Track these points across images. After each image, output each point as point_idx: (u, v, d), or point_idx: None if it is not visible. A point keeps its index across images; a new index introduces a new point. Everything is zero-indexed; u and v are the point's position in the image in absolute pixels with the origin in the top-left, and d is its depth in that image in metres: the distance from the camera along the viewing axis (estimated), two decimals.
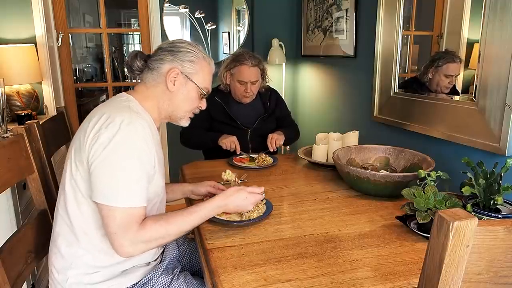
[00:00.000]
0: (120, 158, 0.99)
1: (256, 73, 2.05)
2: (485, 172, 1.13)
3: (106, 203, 0.98)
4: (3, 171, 1.10)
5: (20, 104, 2.39)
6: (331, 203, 1.40)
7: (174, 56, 1.17)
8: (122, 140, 1.00)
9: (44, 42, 2.50)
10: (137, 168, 1.02)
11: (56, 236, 1.12)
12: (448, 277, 0.54)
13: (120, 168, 0.99)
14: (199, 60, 1.19)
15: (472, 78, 1.55)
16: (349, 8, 2.47)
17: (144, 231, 1.00)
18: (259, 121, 2.15)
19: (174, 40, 1.23)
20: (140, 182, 1.02)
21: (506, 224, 0.55)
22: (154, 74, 1.17)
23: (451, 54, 1.68)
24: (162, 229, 1.02)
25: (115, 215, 0.98)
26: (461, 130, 1.60)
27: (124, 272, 1.12)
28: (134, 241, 0.99)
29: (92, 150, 1.00)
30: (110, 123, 1.01)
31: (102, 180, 0.99)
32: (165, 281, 1.15)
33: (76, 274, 1.08)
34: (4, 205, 1.63)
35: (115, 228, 0.98)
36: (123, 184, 0.99)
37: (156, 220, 1.03)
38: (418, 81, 1.87)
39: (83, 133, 1.05)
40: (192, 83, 1.19)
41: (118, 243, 0.98)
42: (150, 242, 1.01)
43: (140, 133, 1.04)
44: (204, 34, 3.30)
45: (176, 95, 1.18)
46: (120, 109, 1.07)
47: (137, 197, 1.01)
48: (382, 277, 0.94)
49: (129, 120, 1.03)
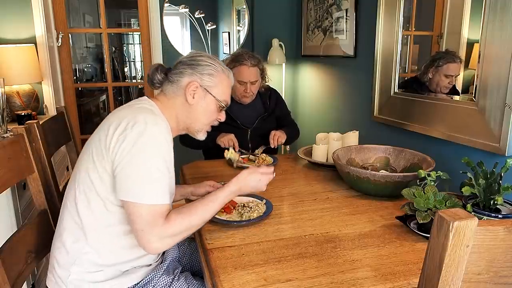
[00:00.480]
0: (146, 157, 1.02)
1: (255, 73, 2.05)
2: (485, 172, 1.13)
3: (133, 201, 1.00)
4: (3, 171, 1.10)
5: (20, 104, 2.39)
6: (331, 203, 1.41)
7: (194, 70, 1.20)
8: (148, 139, 1.03)
9: (44, 42, 2.50)
10: (162, 166, 1.04)
11: (62, 231, 1.12)
12: (448, 277, 0.54)
13: (146, 167, 1.02)
14: (218, 73, 1.22)
15: (472, 78, 1.55)
16: (349, 8, 2.47)
17: (169, 225, 1.01)
18: (259, 120, 2.15)
19: (194, 53, 1.25)
20: (165, 180, 1.05)
21: (506, 224, 0.55)
22: (174, 86, 1.20)
23: (452, 54, 1.68)
24: (186, 221, 1.04)
25: (141, 212, 1.00)
26: (461, 130, 1.60)
27: (125, 272, 1.12)
28: (161, 236, 1.00)
29: (119, 150, 1.02)
30: (135, 124, 1.04)
31: (130, 179, 1.01)
32: (166, 282, 1.15)
33: (79, 271, 1.08)
34: (4, 205, 1.63)
35: (142, 225, 1.00)
36: (149, 182, 1.01)
37: (179, 212, 1.05)
38: (418, 81, 1.88)
39: (105, 134, 1.06)
40: (211, 96, 1.21)
41: (145, 240, 1.00)
42: (176, 235, 1.03)
43: (164, 133, 1.07)
44: (204, 34, 3.30)
45: (195, 107, 1.21)
46: (144, 111, 1.11)
47: (162, 195, 1.03)
48: (382, 277, 0.94)
49: (154, 121, 1.06)
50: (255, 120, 2.15)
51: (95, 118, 4.70)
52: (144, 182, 1.01)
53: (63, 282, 1.09)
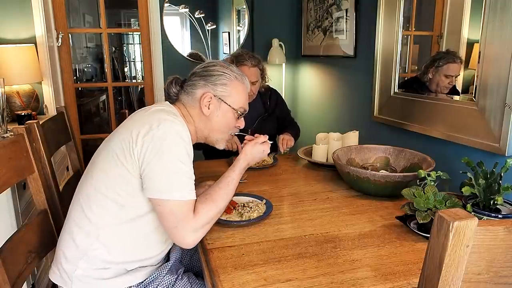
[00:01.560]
0: (174, 155, 1.04)
1: (256, 73, 2.06)
2: (485, 172, 1.13)
3: (163, 198, 1.02)
4: (3, 171, 1.10)
5: (20, 104, 2.39)
6: (331, 203, 1.41)
7: (206, 81, 1.21)
8: (175, 138, 1.05)
9: (44, 42, 2.50)
10: (188, 164, 1.07)
11: (72, 225, 1.12)
12: (448, 277, 0.54)
13: (174, 164, 1.04)
14: (231, 81, 1.22)
15: (472, 78, 1.55)
16: (349, 8, 2.47)
17: (199, 216, 1.05)
18: (259, 121, 2.15)
19: (207, 63, 1.26)
20: (191, 175, 1.07)
21: (506, 224, 0.55)
22: (190, 98, 1.23)
23: (452, 54, 1.68)
24: (213, 207, 1.08)
25: (172, 208, 1.02)
26: (461, 130, 1.60)
27: (130, 271, 1.13)
28: (194, 228, 1.04)
29: (148, 150, 1.04)
30: (160, 124, 1.06)
31: (159, 177, 1.03)
32: (169, 281, 1.16)
33: (86, 267, 1.09)
34: (4, 205, 1.64)
35: (175, 222, 1.03)
36: (177, 178, 1.04)
37: (204, 201, 1.09)
38: (418, 81, 1.87)
39: (129, 134, 1.07)
40: (227, 105, 1.22)
41: (180, 235, 1.03)
42: (208, 223, 1.07)
43: (187, 132, 1.10)
44: (204, 34, 3.30)
45: (212, 118, 1.22)
46: (166, 111, 1.13)
47: (190, 190, 1.06)
48: (382, 277, 0.94)
49: (178, 121, 1.10)
50: (255, 121, 2.15)
51: (95, 118, 4.70)
52: (173, 179, 1.04)
53: (68, 277, 1.10)
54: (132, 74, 6.12)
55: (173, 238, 1.05)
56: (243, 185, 1.59)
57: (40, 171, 1.29)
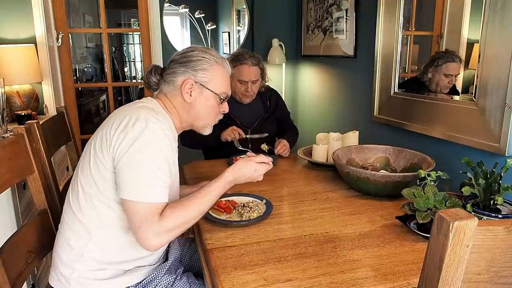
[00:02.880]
0: (146, 156, 1.02)
1: (256, 72, 2.05)
2: (485, 172, 1.13)
3: (130, 199, 1.00)
4: (3, 171, 1.10)
5: (20, 104, 2.39)
6: (331, 203, 1.40)
7: (186, 67, 1.17)
8: (148, 138, 1.02)
9: (44, 42, 2.50)
10: (162, 165, 1.04)
11: (65, 228, 1.12)
12: (448, 277, 0.54)
13: (145, 166, 1.01)
14: (212, 66, 1.19)
15: (472, 78, 1.55)
16: (349, 8, 2.47)
17: (165, 221, 1.01)
18: (259, 121, 2.15)
19: (186, 49, 1.22)
20: (164, 178, 1.04)
21: (506, 224, 0.55)
22: (171, 86, 1.19)
23: (451, 53, 1.68)
24: (181, 215, 1.04)
25: (138, 208, 1.00)
26: (461, 130, 1.60)
27: (128, 271, 1.12)
28: (157, 232, 1.00)
29: (120, 148, 1.02)
30: (136, 122, 1.04)
31: (128, 177, 1.01)
32: (168, 281, 1.16)
33: (83, 269, 1.09)
34: (4, 205, 1.63)
35: (139, 222, 1.00)
36: (147, 180, 1.01)
37: (174, 207, 1.05)
38: (418, 81, 1.87)
39: (107, 132, 1.06)
40: (209, 91, 1.19)
41: (143, 236, 1.00)
42: (173, 230, 1.03)
43: (164, 131, 1.07)
44: (204, 34, 3.30)
45: (195, 105, 1.19)
46: (145, 109, 1.10)
47: (160, 193, 1.03)
48: (382, 277, 0.94)
49: (155, 120, 1.06)
50: (255, 121, 2.14)
51: (95, 118, 4.70)
52: (142, 180, 1.01)
53: (66, 280, 1.09)
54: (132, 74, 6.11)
55: (136, 238, 1.02)
56: (243, 185, 1.59)
57: (40, 171, 1.29)
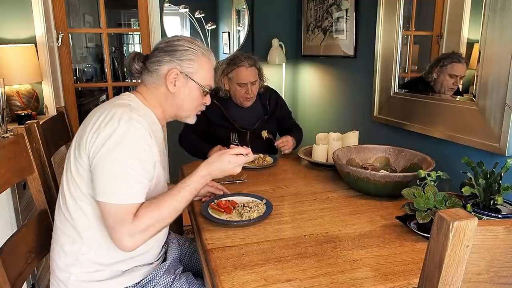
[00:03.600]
0: (118, 156, 0.99)
1: (254, 73, 2.04)
2: (485, 172, 1.13)
3: (103, 201, 0.99)
4: (3, 171, 1.10)
5: (20, 104, 2.39)
6: (331, 203, 1.40)
7: (172, 56, 1.14)
8: (120, 137, 1.00)
9: (44, 42, 2.50)
10: (136, 165, 1.01)
11: (58, 234, 1.12)
12: (448, 277, 0.54)
13: (116, 166, 0.99)
14: (198, 57, 1.16)
15: (472, 78, 1.55)
16: (349, 8, 2.47)
17: (138, 221, 0.99)
18: (258, 123, 2.13)
19: (171, 38, 1.18)
20: (138, 178, 1.02)
21: (506, 224, 0.55)
22: (154, 76, 1.15)
23: (457, 55, 1.67)
24: (155, 214, 1.02)
25: (111, 210, 0.99)
26: (461, 130, 1.60)
27: (126, 272, 1.12)
28: (131, 233, 0.98)
29: (92, 148, 1.01)
30: (109, 121, 1.01)
31: (101, 179, 1.00)
32: (167, 281, 1.15)
33: (79, 272, 1.08)
34: (4, 205, 1.63)
35: (112, 223, 0.99)
36: (121, 182, 0.99)
37: (148, 206, 1.03)
38: (423, 81, 1.86)
39: (84, 131, 1.05)
40: (194, 82, 1.17)
41: (117, 237, 0.99)
42: (147, 230, 1.01)
43: (139, 130, 1.03)
44: (204, 34, 3.30)
45: (178, 95, 1.17)
46: (120, 107, 1.06)
47: (133, 194, 1.01)
48: (382, 277, 0.94)
49: (128, 118, 1.02)
50: (255, 123, 2.13)
51: None
52: (113, 182, 0.99)
53: (64, 285, 1.09)
54: None
55: (111, 238, 1.00)
56: (243, 185, 1.60)
57: (40, 171, 1.29)
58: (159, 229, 1.04)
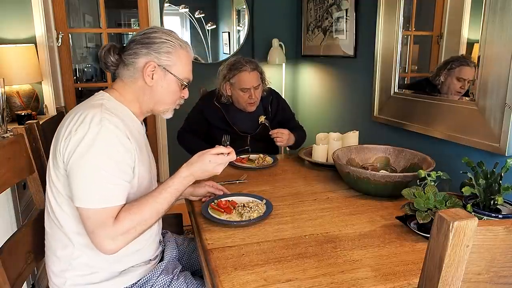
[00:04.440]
0: (91, 160, 0.97)
1: (257, 77, 2.01)
2: (485, 172, 1.13)
3: (80, 206, 0.98)
4: (3, 171, 1.10)
5: (20, 104, 2.39)
6: (331, 203, 1.40)
7: (149, 49, 1.10)
8: (91, 140, 0.98)
9: (44, 42, 2.50)
10: (110, 167, 0.99)
11: (49, 240, 1.12)
12: (448, 277, 0.54)
13: (92, 170, 0.97)
14: (176, 50, 1.13)
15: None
16: (349, 8, 2.47)
17: (119, 224, 0.98)
18: (260, 128, 2.10)
19: (147, 30, 1.14)
20: (114, 180, 1.00)
21: (506, 224, 0.55)
22: (130, 69, 1.12)
23: (466, 58, 1.66)
24: (137, 216, 1.00)
25: (89, 215, 0.98)
26: (461, 130, 1.60)
27: (123, 272, 1.12)
28: (113, 236, 0.97)
29: (66, 153, 0.99)
30: (80, 125, 0.99)
31: (77, 184, 0.98)
32: (164, 281, 1.15)
33: (74, 275, 1.08)
34: (4, 205, 1.64)
35: (92, 227, 0.97)
36: (96, 185, 0.98)
37: (129, 209, 1.01)
38: (430, 83, 1.84)
39: (58, 136, 1.04)
40: (171, 75, 1.13)
41: (97, 241, 0.98)
42: (129, 232, 0.99)
43: (111, 131, 1.00)
44: (204, 34, 3.30)
45: (156, 89, 1.13)
46: (92, 108, 1.04)
47: (113, 197, 0.99)
48: (382, 277, 0.94)
49: (99, 119, 1.00)
50: (256, 127, 2.11)
51: None
52: (88, 186, 0.97)
53: None
54: None
55: (92, 243, 0.99)
56: (243, 185, 1.60)
57: (39, 171, 1.29)
58: (141, 232, 1.03)
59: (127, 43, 1.14)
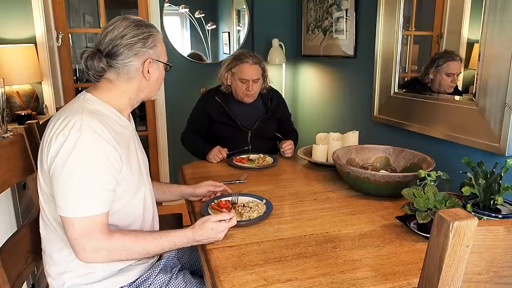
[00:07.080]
0: (70, 168, 0.96)
1: (257, 71, 2.04)
2: (485, 172, 1.13)
3: (63, 215, 0.98)
4: (3, 171, 1.10)
5: (20, 104, 2.39)
6: (331, 203, 1.40)
7: (142, 47, 1.09)
8: (69, 149, 0.96)
9: (44, 42, 2.50)
10: (91, 174, 0.98)
11: (45, 244, 1.12)
12: (448, 277, 0.54)
13: (72, 178, 0.97)
14: (158, 38, 1.14)
15: (472, 78, 1.55)
16: (349, 8, 2.47)
17: (109, 241, 0.99)
18: (259, 121, 2.14)
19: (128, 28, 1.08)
20: (95, 189, 0.99)
21: (506, 224, 0.55)
22: (124, 71, 1.09)
23: (451, 53, 1.68)
24: (128, 243, 1.02)
25: (73, 223, 0.98)
26: (461, 130, 1.60)
27: (121, 271, 1.12)
28: (97, 248, 0.98)
29: (48, 160, 1.00)
30: (60, 132, 0.98)
31: (58, 192, 0.98)
32: (163, 280, 1.15)
33: (72, 277, 1.08)
34: (4, 205, 1.64)
35: (75, 235, 0.98)
36: (78, 194, 0.97)
37: (125, 234, 1.03)
38: (419, 82, 1.87)
39: (42, 140, 1.04)
40: (161, 63, 1.17)
41: (79, 248, 0.98)
42: (113, 252, 1.01)
43: (90, 137, 0.99)
44: (204, 34, 3.30)
45: (152, 81, 1.15)
46: (73, 114, 1.01)
47: (94, 205, 0.99)
48: (382, 277, 0.94)
49: (78, 127, 0.98)
50: (255, 121, 2.14)
51: None
52: (70, 195, 0.97)
53: None
54: None
55: (72, 248, 0.99)
56: (243, 185, 1.60)
57: None
58: (123, 258, 1.04)
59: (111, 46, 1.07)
